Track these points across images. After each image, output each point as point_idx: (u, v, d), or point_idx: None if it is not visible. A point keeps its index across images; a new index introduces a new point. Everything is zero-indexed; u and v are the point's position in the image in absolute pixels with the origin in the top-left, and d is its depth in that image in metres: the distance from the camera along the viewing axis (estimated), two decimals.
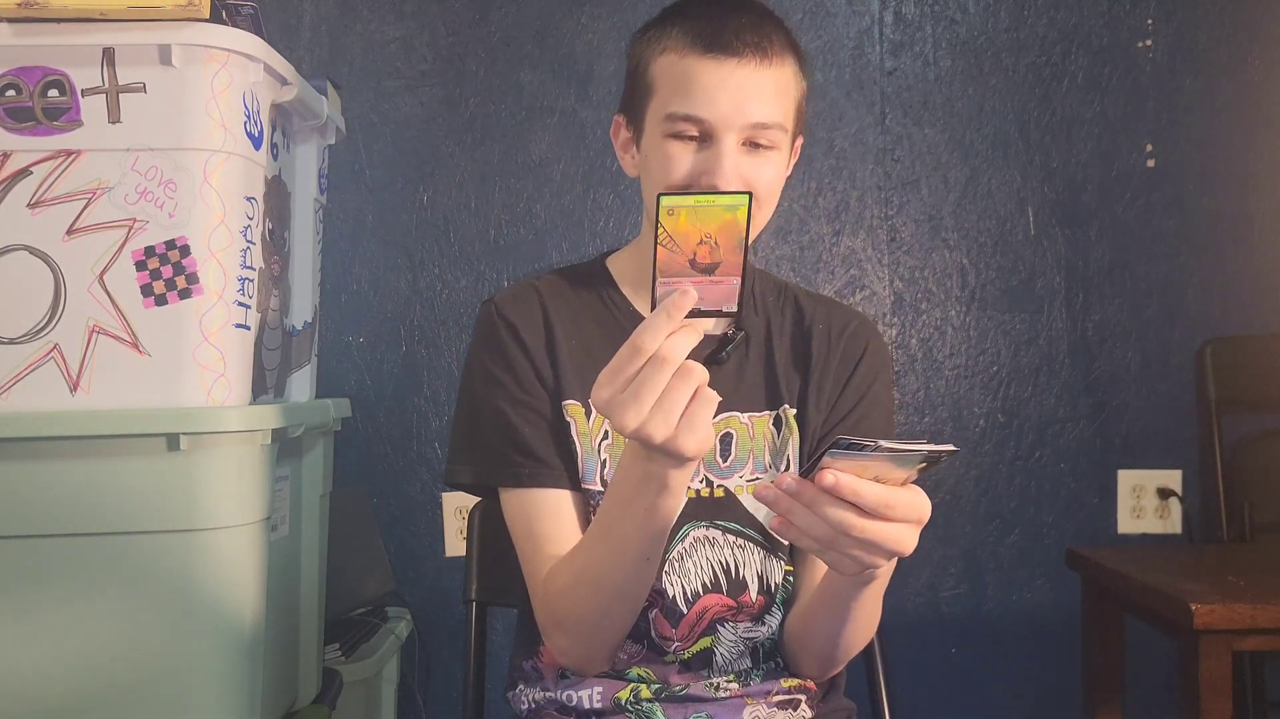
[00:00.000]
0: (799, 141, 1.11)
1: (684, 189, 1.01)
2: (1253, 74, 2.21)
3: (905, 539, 0.81)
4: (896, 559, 0.85)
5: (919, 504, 0.81)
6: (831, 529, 0.80)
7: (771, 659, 1.12)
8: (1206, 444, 2.16)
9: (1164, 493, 2.18)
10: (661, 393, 0.82)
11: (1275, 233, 2.20)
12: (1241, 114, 2.20)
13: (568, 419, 1.08)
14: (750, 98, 1.00)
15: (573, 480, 1.08)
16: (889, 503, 0.79)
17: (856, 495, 0.78)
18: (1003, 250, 2.21)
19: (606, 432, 1.08)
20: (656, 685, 1.08)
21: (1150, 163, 2.20)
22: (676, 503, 0.94)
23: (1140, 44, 2.21)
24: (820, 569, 1.03)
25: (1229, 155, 2.20)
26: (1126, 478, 2.19)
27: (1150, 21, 2.20)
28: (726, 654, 1.09)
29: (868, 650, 1.27)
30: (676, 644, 1.07)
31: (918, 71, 2.21)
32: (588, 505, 1.08)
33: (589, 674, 1.08)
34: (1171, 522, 2.19)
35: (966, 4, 2.21)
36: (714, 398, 0.84)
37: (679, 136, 1.02)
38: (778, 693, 1.10)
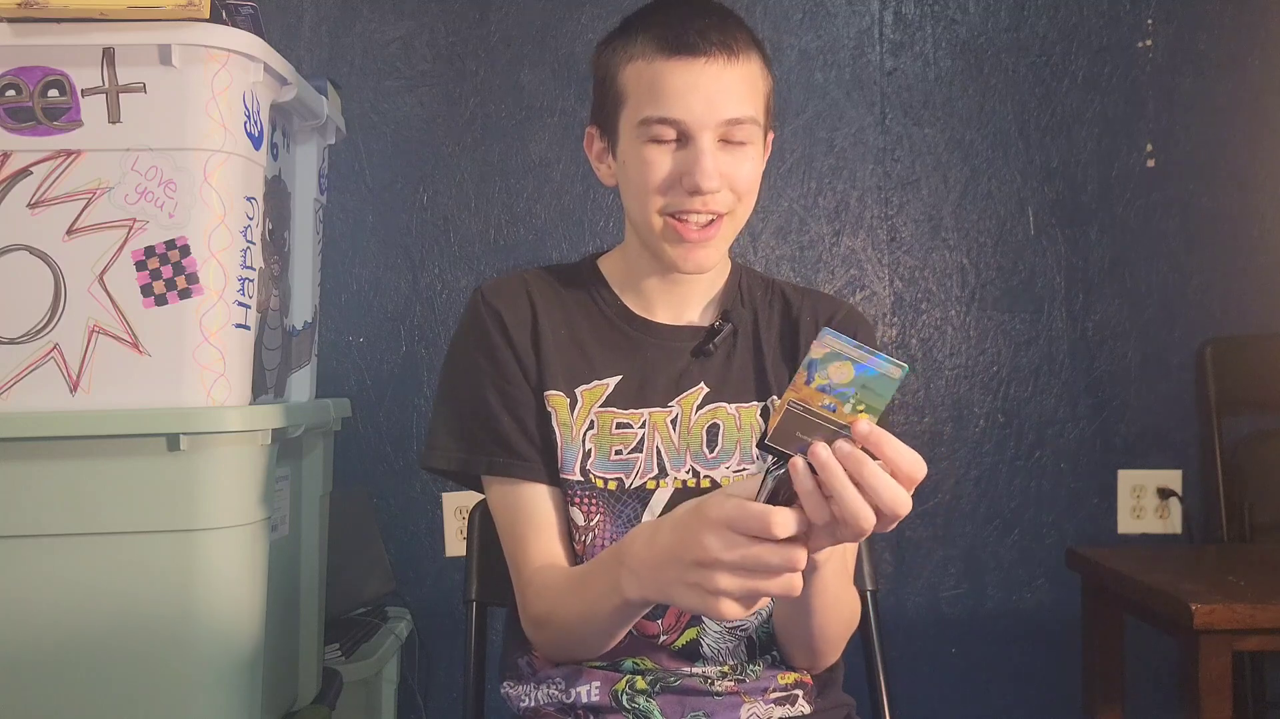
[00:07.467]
0: (770, 136, 1.13)
1: (664, 190, 1.03)
2: (1253, 74, 2.20)
3: (903, 500, 0.76)
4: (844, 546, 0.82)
5: (919, 461, 0.77)
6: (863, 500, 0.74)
7: (768, 652, 1.12)
8: (1206, 444, 2.16)
9: (1164, 493, 2.18)
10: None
11: (1275, 233, 2.20)
12: (1241, 114, 2.20)
13: (549, 409, 1.09)
14: (721, 95, 1.02)
15: (550, 473, 1.09)
16: (915, 466, 0.75)
17: (896, 454, 0.74)
18: (1003, 250, 2.21)
19: (592, 421, 1.09)
20: (653, 677, 1.08)
21: (1150, 163, 2.20)
22: (636, 616, 0.98)
23: (1140, 44, 2.21)
24: None
25: (1229, 155, 2.20)
26: (1126, 478, 2.19)
27: (1150, 21, 2.20)
28: (714, 644, 1.09)
29: (867, 649, 1.27)
30: (664, 638, 1.08)
31: (918, 71, 2.21)
32: (566, 496, 1.09)
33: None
34: (1171, 522, 2.19)
35: (966, 4, 2.21)
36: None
37: (656, 140, 1.03)
38: (775, 690, 1.10)
